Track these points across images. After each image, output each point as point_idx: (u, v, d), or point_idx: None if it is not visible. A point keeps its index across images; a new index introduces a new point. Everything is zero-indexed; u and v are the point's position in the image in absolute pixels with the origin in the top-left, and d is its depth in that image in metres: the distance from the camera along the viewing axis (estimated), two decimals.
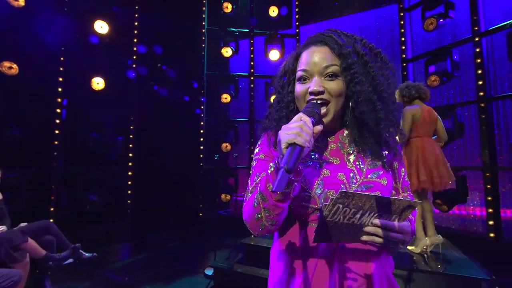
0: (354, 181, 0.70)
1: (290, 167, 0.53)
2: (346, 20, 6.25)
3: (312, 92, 0.69)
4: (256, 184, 0.73)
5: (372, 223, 0.61)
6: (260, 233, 0.71)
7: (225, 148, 4.80)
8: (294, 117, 0.63)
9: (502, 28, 3.25)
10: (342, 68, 0.69)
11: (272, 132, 0.81)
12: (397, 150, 0.77)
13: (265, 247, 2.79)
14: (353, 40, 0.74)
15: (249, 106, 5.07)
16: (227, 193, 4.72)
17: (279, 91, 0.83)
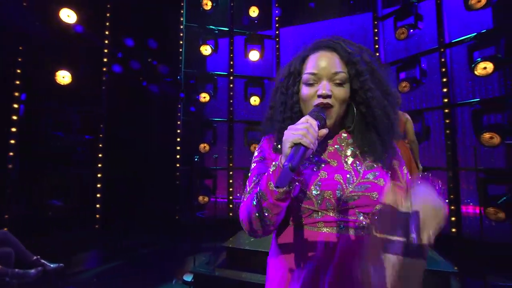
0: (351, 182, 0.71)
1: (294, 165, 0.55)
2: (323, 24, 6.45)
3: (321, 95, 0.71)
4: (255, 185, 0.73)
5: None
6: (256, 234, 0.71)
7: (203, 149, 4.68)
8: (301, 119, 0.64)
9: (463, 41, 3.56)
10: (350, 75, 0.72)
11: (273, 135, 0.81)
12: (395, 149, 0.79)
13: (247, 250, 2.75)
14: (359, 49, 0.76)
15: (228, 106, 5.00)
16: (205, 195, 4.60)
17: (283, 92, 0.81)
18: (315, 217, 0.71)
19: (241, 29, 5.04)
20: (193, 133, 4.85)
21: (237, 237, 3.11)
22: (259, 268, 2.65)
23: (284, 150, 0.61)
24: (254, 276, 2.60)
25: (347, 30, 6.49)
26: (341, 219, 0.70)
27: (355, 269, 0.66)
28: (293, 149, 0.59)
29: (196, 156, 3.95)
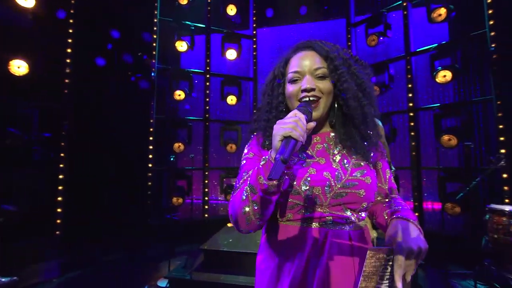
0: (340, 179, 0.73)
1: (286, 157, 0.57)
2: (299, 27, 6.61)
3: (305, 90, 0.75)
4: (244, 180, 0.74)
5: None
6: (246, 229, 0.72)
7: (177, 148, 4.50)
8: (289, 114, 0.66)
9: (426, 50, 3.87)
10: (330, 69, 0.76)
11: (261, 134, 0.84)
12: (379, 147, 0.82)
13: (226, 251, 2.70)
14: (336, 47, 0.82)
15: (204, 105, 4.88)
16: (179, 196, 4.43)
17: (269, 94, 0.87)
18: (304, 213, 0.73)
19: (218, 27, 4.95)
20: (167, 132, 4.65)
21: (214, 239, 3.04)
22: (238, 270, 2.62)
23: (275, 144, 0.62)
24: (233, 278, 2.56)
25: (321, 35, 6.71)
26: (329, 215, 0.72)
27: (344, 263, 0.69)
28: (283, 142, 0.60)
29: (172, 155, 3.78)
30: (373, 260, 0.59)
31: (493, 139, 3.59)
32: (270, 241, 0.80)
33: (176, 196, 4.41)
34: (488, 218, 2.64)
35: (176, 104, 5.51)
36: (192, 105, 5.76)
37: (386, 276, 0.60)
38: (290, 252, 0.74)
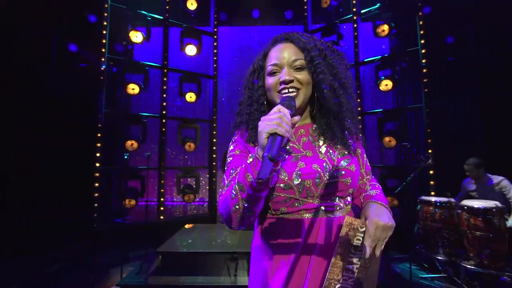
0: (328, 169, 0.76)
1: (274, 155, 0.56)
2: (260, 30, 6.74)
3: (284, 81, 0.76)
4: (232, 178, 0.73)
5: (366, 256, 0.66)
6: (236, 225, 0.71)
7: (130, 146, 4.17)
8: (273, 109, 0.65)
9: (372, 61, 4.33)
10: (307, 60, 0.77)
11: (244, 127, 0.83)
12: (359, 136, 0.88)
13: (186, 252, 2.61)
14: (313, 39, 0.83)
15: (161, 101, 4.63)
16: (132, 198, 4.12)
17: (249, 87, 0.87)
18: (297, 206, 0.76)
19: (177, 21, 4.74)
20: (118, 128, 4.28)
21: (172, 241, 2.91)
22: (198, 270, 2.56)
23: (261, 141, 0.61)
24: (193, 279, 2.49)
25: None
26: (321, 205, 0.76)
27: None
28: (270, 139, 0.59)
29: (126, 154, 3.48)
30: (348, 229, 0.65)
31: (422, 141, 4.19)
32: (265, 235, 0.80)
33: (128, 198, 4.08)
34: (419, 208, 3.07)
35: (129, 99, 5.12)
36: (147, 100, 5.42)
37: (359, 247, 0.66)
38: (285, 244, 0.75)
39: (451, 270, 2.73)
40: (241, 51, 7.02)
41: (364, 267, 0.67)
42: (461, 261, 2.64)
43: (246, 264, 2.58)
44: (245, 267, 2.58)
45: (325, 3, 4.68)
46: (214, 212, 4.83)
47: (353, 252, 0.66)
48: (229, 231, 3.30)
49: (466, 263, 2.60)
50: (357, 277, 0.66)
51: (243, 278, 2.48)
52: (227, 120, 6.69)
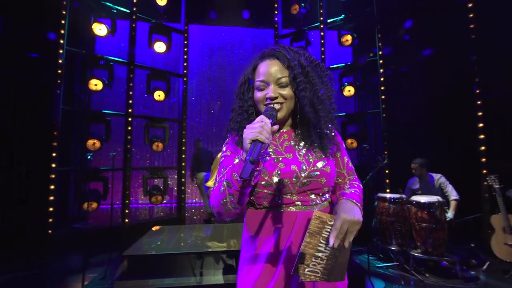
0: (304, 170, 0.86)
1: (254, 159, 0.66)
2: (231, 30, 6.78)
3: (270, 98, 0.86)
4: (223, 175, 0.84)
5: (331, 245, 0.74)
6: (225, 217, 0.83)
7: (92, 146, 3.92)
8: (257, 119, 0.75)
9: (337, 68, 4.63)
10: (290, 78, 0.87)
11: (236, 133, 0.94)
12: (336, 141, 0.97)
13: (154, 255, 2.54)
14: (298, 54, 0.92)
15: (126, 98, 4.41)
16: (93, 201, 3.87)
17: (240, 97, 0.97)
18: (277, 201, 0.87)
19: (145, 15, 4.57)
20: (77, 126, 3.99)
21: (139, 244, 2.81)
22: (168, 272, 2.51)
23: (245, 146, 0.71)
24: (161, 281, 2.44)
25: (250, 40, 7.08)
26: (298, 200, 0.87)
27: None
28: (252, 145, 0.69)
29: (89, 154, 3.26)
30: (318, 222, 0.74)
31: (380, 143, 4.60)
32: (250, 226, 0.91)
33: (89, 201, 3.83)
34: (376, 204, 3.38)
35: (89, 95, 4.80)
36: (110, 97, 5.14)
37: (328, 239, 0.75)
38: (267, 233, 0.87)
39: (402, 258, 3.05)
40: (211, 51, 6.99)
41: (333, 256, 0.76)
42: (410, 250, 2.98)
43: (214, 263, 2.60)
44: (214, 267, 2.61)
45: (294, 10, 4.89)
46: (183, 213, 4.75)
47: (322, 242, 0.75)
48: (199, 231, 3.28)
49: (414, 251, 2.94)
50: (327, 264, 0.75)
51: (212, 277, 2.50)
52: (197, 120, 6.61)
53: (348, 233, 0.75)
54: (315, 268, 0.74)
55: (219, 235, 3.12)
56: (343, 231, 0.74)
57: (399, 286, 2.67)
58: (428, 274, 2.81)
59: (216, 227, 3.59)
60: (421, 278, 2.73)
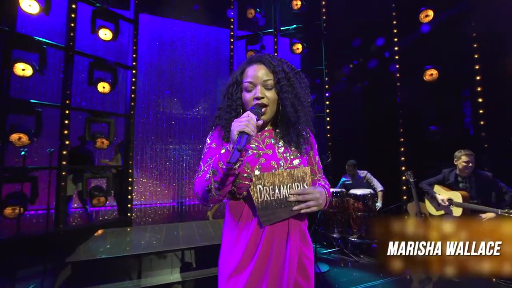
0: (282, 166, 0.99)
1: (241, 147, 0.78)
2: (183, 24, 6.56)
3: (257, 97, 0.97)
4: (208, 164, 0.93)
5: (290, 194, 0.93)
6: (208, 202, 0.94)
7: (17, 141, 3.34)
8: (243, 114, 0.88)
9: None
10: (275, 81, 0.99)
11: (223, 129, 1.03)
12: (310, 142, 1.12)
13: (103, 259, 2.36)
14: (281, 62, 1.05)
15: (63, 88, 3.90)
16: (17, 205, 3.31)
17: (228, 97, 1.06)
18: None
19: None
20: None
21: (86, 249, 2.57)
22: (119, 276, 2.37)
23: (232, 137, 0.82)
24: (116, 286, 2.30)
25: (204, 37, 6.99)
26: None
27: (283, 224, 0.96)
28: (239, 136, 0.80)
29: (23, 150, 2.78)
30: (303, 173, 0.93)
31: (324, 143, 5.12)
32: (232, 214, 1.00)
33: (11, 206, 3.26)
34: None
35: (8, 82, 4.05)
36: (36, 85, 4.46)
37: (296, 187, 0.93)
38: (246, 220, 0.96)
39: (342, 244, 3.51)
40: (162, 44, 6.66)
41: (280, 202, 0.92)
42: (349, 236, 3.45)
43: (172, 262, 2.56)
44: (172, 265, 2.56)
45: (250, 14, 5.06)
46: (129, 215, 4.43)
47: (287, 185, 0.92)
48: (152, 232, 3.16)
49: (352, 237, 3.42)
50: (271, 200, 0.91)
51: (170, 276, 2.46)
52: (146, 116, 6.21)
53: (305, 203, 0.93)
54: (264, 194, 0.91)
55: (174, 235, 3.06)
56: (305, 198, 0.92)
57: (340, 268, 3.07)
58: (362, 255, 3.31)
59: (169, 227, 3.49)
60: (357, 259, 3.19)
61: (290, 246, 0.95)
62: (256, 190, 0.91)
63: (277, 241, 0.94)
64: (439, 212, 3.24)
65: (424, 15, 3.97)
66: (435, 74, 3.92)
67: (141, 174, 6.05)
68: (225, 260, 0.98)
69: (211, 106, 6.82)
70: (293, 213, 0.93)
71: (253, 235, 0.94)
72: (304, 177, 0.95)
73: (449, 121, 4.05)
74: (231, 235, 0.99)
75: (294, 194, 0.92)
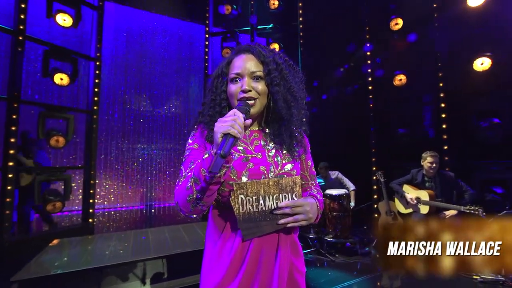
0: (273, 171, 0.87)
1: (225, 153, 0.65)
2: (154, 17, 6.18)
3: (243, 90, 0.85)
4: (190, 170, 0.80)
5: (278, 206, 0.81)
6: (190, 214, 0.80)
7: None
8: (229, 112, 0.75)
9: None
10: (265, 73, 0.87)
11: (206, 126, 0.89)
12: (304, 143, 0.99)
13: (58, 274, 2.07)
14: (272, 52, 0.93)
15: (11, 78, 3.41)
16: None
17: (213, 91, 0.93)
18: None
19: None
20: None
21: (37, 264, 2.24)
22: None
23: (215, 140, 0.69)
24: None
25: (176, 32, 6.66)
26: None
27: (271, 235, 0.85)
28: (223, 138, 0.68)
29: None
30: (291, 183, 0.82)
31: None
32: (216, 224, 0.89)
33: None
34: None
35: None
36: None
37: (283, 198, 0.82)
38: (231, 231, 0.85)
39: (318, 244, 3.53)
40: (130, 36, 6.21)
41: (264, 215, 0.81)
42: (324, 236, 3.48)
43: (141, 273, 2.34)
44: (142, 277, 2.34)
45: (226, 10, 4.91)
46: (91, 222, 4.02)
47: (273, 196, 0.81)
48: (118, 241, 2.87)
49: (327, 237, 3.45)
50: (255, 212, 0.80)
51: None
52: (111, 112, 5.72)
53: (293, 216, 0.81)
54: (246, 205, 0.79)
55: (144, 242, 2.82)
56: (294, 210, 0.81)
57: (316, 268, 3.07)
58: (337, 254, 3.36)
59: (138, 233, 3.22)
60: (332, 259, 3.23)
61: (280, 260, 0.85)
62: (238, 201, 0.79)
63: (265, 254, 0.83)
64: (407, 210, 3.41)
65: (394, 23, 4.17)
66: (403, 80, 4.14)
67: (104, 176, 5.56)
68: (208, 274, 0.86)
69: (183, 104, 6.51)
70: (278, 227, 0.82)
71: (239, 247, 0.83)
72: (294, 187, 0.83)
73: (413, 124, 4.31)
74: (215, 246, 0.87)
75: (282, 206, 0.81)
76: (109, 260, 2.27)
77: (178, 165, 6.38)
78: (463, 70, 3.65)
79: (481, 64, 3.50)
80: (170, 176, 6.22)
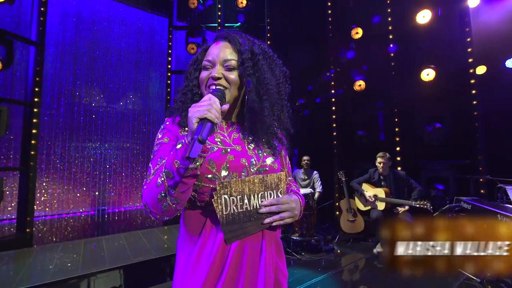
0: (254, 165, 0.83)
1: (204, 138, 0.59)
2: (110, 3, 5.65)
3: (213, 77, 0.80)
4: (160, 166, 0.72)
5: (262, 204, 0.77)
6: (161, 216, 0.71)
7: None
8: (204, 97, 0.69)
9: None
10: (238, 62, 0.82)
11: (178, 112, 0.84)
12: (283, 141, 0.96)
13: None
14: (251, 42, 0.88)
15: None
16: None
17: (187, 77, 0.89)
18: None
19: None
20: None
21: None
22: None
23: (190, 126, 0.63)
24: None
25: (136, 23, 6.18)
26: None
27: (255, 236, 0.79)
28: (200, 124, 0.62)
29: None
30: (277, 180, 0.78)
31: None
32: (190, 226, 0.80)
33: None
34: None
35: None
36: None
37: (268, 196, 0.79)
38: (209, 234, 0.77)
39: (285, 243, 3.57)
40: (80, 22, 5.57)
41: (249, 215, 0.76)
42: (291, 235, 3.53)
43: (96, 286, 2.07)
44: None
45: (192, 4, 4.71)
46: (29, 232, 3.46)
47: (258, 194, 0.77)
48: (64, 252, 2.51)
49: (294, 235, 3.51)
50: (238, 213, 0.74)
51: None
52: (56, 106, 5.03)
53: (279, 214, 0.78)
54: (230, 205, 0.73)
55: (96, 252, 2.51)
56: (280, 208, 0.78)
57: None
58: (303, 252, 3.43)
59: (89, 242, 2.86)
60: (299, 257, 3.28)
61: (265, 263, 0.78)
62: (221, 201, 0.72)
63: (249, 257, 0.76)
64: (366, 208, 3.64)
65: (355, 32, 4.45)
66: (363, 85, 4.43)
67: (46, 178, 4.86)
68: (183, 284, 0.76)
69: (142, 100, 6.05)
70: (263, 227, 0.78)
71: (218, 251, 0.74)
72: (279, 184, 0.80)
73: (370, 128, 4.65)
74: (190, 252, 0.77)
75: (268, 205, 0.77)
76: (53, 276, 1.95)
77: (135, 166, 5.90)
78: (412, 80, 4.06)
79: (427, 75, 3.93)
80: (127, 177, 5.71)
